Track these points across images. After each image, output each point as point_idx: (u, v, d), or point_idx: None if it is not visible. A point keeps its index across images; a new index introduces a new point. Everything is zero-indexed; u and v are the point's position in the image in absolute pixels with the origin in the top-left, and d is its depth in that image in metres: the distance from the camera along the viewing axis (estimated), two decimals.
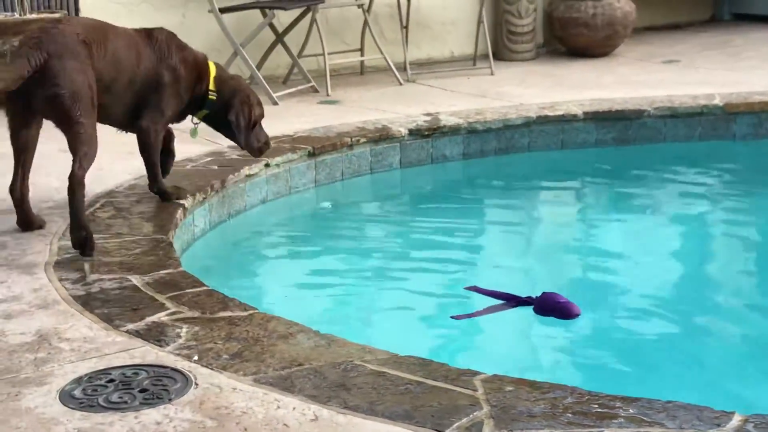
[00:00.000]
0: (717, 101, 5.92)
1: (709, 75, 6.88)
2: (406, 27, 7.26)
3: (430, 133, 5.59)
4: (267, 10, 6.64)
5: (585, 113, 5.82)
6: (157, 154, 4.22)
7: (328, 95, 6.63)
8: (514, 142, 5.77)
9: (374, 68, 7.40)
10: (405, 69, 7.15)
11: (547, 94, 6.32)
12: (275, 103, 6.37)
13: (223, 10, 6.59)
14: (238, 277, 4.23)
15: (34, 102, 3.70)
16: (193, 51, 4.29)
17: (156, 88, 4.09)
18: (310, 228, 4.95)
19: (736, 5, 9.23)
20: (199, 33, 6.94)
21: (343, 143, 5.33)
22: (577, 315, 3.68)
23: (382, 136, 5.47)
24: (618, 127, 5.84)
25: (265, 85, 6.47)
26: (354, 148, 5.37)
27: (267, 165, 4.94)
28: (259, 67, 6.78)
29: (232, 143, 4.61)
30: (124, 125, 4.19)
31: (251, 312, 3.14)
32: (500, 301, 3.80)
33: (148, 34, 4.15)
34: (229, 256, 4.51)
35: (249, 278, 4.28)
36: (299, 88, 6.74)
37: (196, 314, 3.11)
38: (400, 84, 6.93)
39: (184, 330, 2.99)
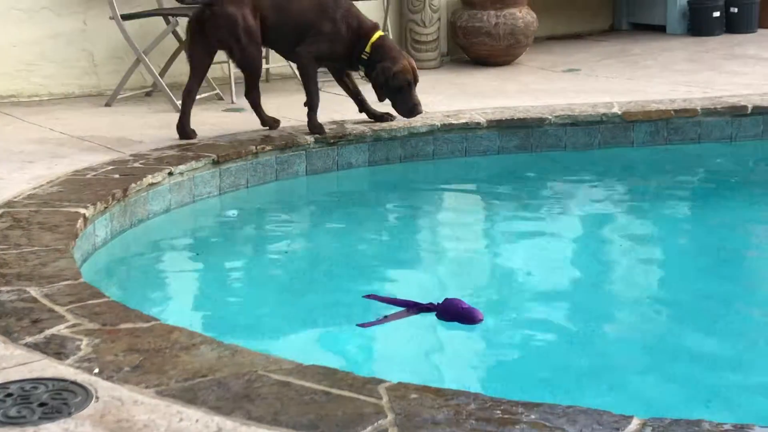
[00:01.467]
0: (616, 109, 6.03)
1: (609, 84, 7.01)
2: None
3: (335, 140, 5.60)
4: (170, 17, 6.57)
5: (488, 121, 5.89)
6: (311, 83, 5.59)
7: (232, 103, 6.59)
8: (418, 150, 5.81)
9: (280, 76, 7.38)
10: None
11: (451, 102, 6.38)
12: (179, 111, 6.30)
13: (125, 17, 6.51)
14: (140, 287, 4.18)
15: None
16: (361, 18, 5.55)
17: (315, 32, 5.48)
18: (214, 237, 4.92)
19: (634, 15, 9.43)
20: (100, 39, 6.86)
21: (247, 151, 5.31)
22: (480, 320, 3.71)
23: (287, 144, 5.46)
24: (520, 134, 5.92)
25: (169, 92, 6.41)
26: (259, 156, 5.35)
27: (170, 173, 4.89)
28: (162, 74, 6.71)
29: (134, 150, 4.57)
30: (286, 54, 5.89)
31: (153, 323, 3.10)
32: (402, 308, 3.81)
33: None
34: (130, 266, 4.45)
35: (151, 288, 4.23)
36: (203, 95, 6.68)
37: (97, 326, 3.07)
38: None
39: (85, 342, 2.95)
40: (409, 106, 5.51)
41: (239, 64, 5.63)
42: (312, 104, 5.62)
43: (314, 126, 5.60)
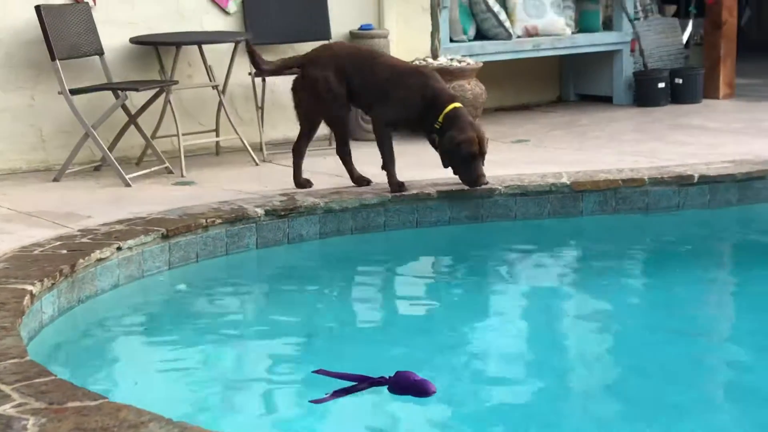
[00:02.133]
0: (565, 179, 6.09)
1: (557, 154, 7.09)
2: (262, 108, 7.29)
3: (286, 213, 5.59)
4: (119, 92, 6.57)
5: (438, 192, 5.92)
6: (383, 145, 5.94)
7: (183, 176, 6.58)
8: (370, 222, 5.81)
9: (230, 149, 7.39)
10: (261, 149, 7.16)
11: (403, 172, 6.39)
12: (128, 185, 6.29)
13: (73, 92, 6.50)
14: (88, 365, 4.12)
15: None
16: (439, 89, 5.90)
17: (390, 97, 5.91)
18: (164, 312, 4.87)
19: (581, 87, 9.57)
20: (49, 115, 6.84)
21: (197, 224, 5.28)
22: (433, 392, 3.69)
23: (237, 217, 5.44)
24: (470, 205, 5.95)
25: (118, 167, 6.39)
26: (209, 230, 5.33)
27: (119, 248, 4.85)
28: (111, 148, 6.69)
29: (82, 225, 4.53)
30: (366, 111, 6.27)
31: (101, 401, 3.05)
32: (354, 383, 3.78)
33: (415, 67, 6.31)
34: (78, 344, 4.39)
35: (99, 366, 4.17)
36: (153, 169, 6.67)
37: (44, 405, 3.01)
38: (257, 164, 6.93)
39: (31, 422, 2.89)
40: (472, 177, 5.76)
41: (326, 122, 6.22)
42: (385, 164, 5.93)
43: (392, 184, 5.90)
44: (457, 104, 5.87)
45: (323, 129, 7.76)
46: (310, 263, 5.61)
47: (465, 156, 5.72)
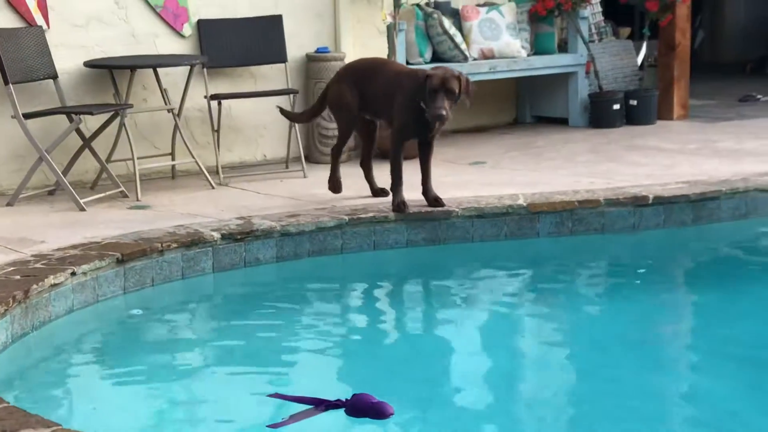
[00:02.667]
0: (521, 201, 6.11)
1: (514, 176, 7.12)
2: (218, 131, 7.26)
3: (242, 236, 5.57)
4: (73, 115, 6.52)
5: (396, 214, 5.92)
6: (392, 162, 6.12)
7: (138, 200, 6.53)
8: (327, 244, 5.80)
9: (186, 172, 7.35)
10: (217, 172, 7.13)
11: (359, 195, 6.40)
12: (82, 209, 6.24)
13: (27, 116, 6.44)
14: (42, 391, 4.07)
15: None
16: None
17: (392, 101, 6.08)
18: (119, 337, 4.82)
19: (537, 108, 9.62)
20: (2, 139, 6.77)
21: (153, 249, 5.24)
22: (391, 414, 3.68)
23: (193, 241, 5.41)
24: (427, 227, 5.96)
25: (72, 191, 6.33)
26: (164, 254, 5.29)
27: (73, 273, 4.81)
28: (65, 172, 6.63)
29: (36, 251, 4.48)
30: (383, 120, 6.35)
31: (55, 428, 3.02)
32: (310, 406, 3.76)
33: (413, 70, 6.30)
34: (32, 370, 4.34)
35: (54, 392, 4.12)
36: (108, 193, 6.62)
37: None
38: (213, 188, 6.90)
39: None
40: (431, 110, 5.79)
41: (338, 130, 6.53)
42: (392, 182, 6.06)
43: (393, 202, 6.00)
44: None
45: (268, 151, 7.80)
46: (267, 287, 5.58)
47: (428, 90, 5.78)
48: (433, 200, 6.06)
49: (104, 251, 5.12)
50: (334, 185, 6.43)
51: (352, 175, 6.57)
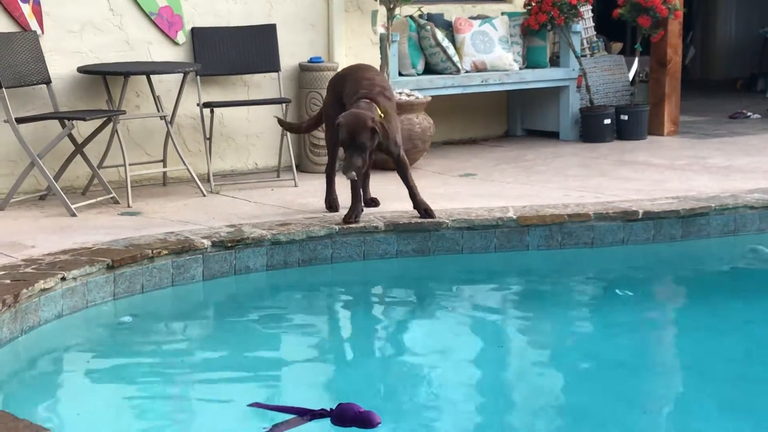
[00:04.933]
0: (511, 214, 6.14)
1: (504, 188, 7.14)
2: (210, 139, 7.27)
3: (233, 244, 5.58)
4: (66, 121, 6.53)
5: (386, 225, 5.94)
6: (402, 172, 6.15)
7: (129, 207, 6.53)
8: (317, 254, 5.81)
9: (177, 179, 7.36)
10: (209, 180, 7.14)
11: (349, 205, 6.41)
12: (73, 215, 6.24)
13: (20, 120, 6.44)
14: (31, 396, 4.07)
15: None
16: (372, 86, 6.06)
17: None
18: (108, 343, 4.82)
19: (528, 122, 9.65)
20: None
21: (143, 255, 5.25)
22: (378, 423, 3.69)
23: (184, 248, 5.41)
24: (417, 238, 5.98)
25: (63, 196, 6.34)
26: (155, 261, 5.30)
27: (63, 279, 4.81)
28: (57, 178, 6.64)
29: (26, 255, 4.48)
30: None
31: None
32: (293, 416, 3.76)
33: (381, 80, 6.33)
34: (21, 375, 4.34)
35: (42, 397, 4.12)
36: (99, 199, 6.63)
37: None
38: (204, 195, 6.91)
39: None
40: (342, 167, 5.85)
41: None
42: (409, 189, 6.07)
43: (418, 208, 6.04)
44: (370, 101, 5.90)
45: (260, 160, 7.81)
46: (257, 295, 5.59)
47: (340, 141, 5.81)
48: (423, 211, 6.05)
49: (94, 257, 5.13)
50: (330, 204, 6.31)
51: (342, 185, 6.57)
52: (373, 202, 6.38)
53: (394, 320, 5.36)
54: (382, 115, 5.90)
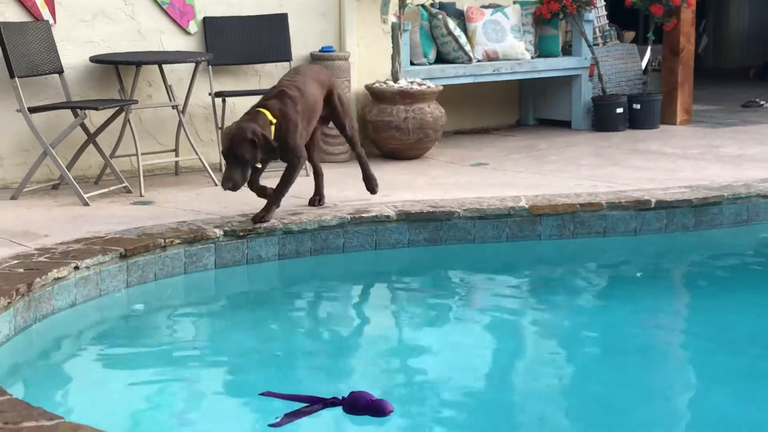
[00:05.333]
0: (523, 203, 6.13)
1: (516, 178, 7.14)
2: (222, 128, 7.28)
3: (245, 234, 5.59)
4: (78, 110, 6.54)
5: (398, 214, 5.94)
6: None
7: (141, 196, 6.55)
8: (329, 243, 5.82)
9: (189, 169, 7.37)
10: (221, 169, 7.14)
11: (361, 195, 6.42)
12: (86, 204, 6.26)
13: (32, 110, 6.46)
14: (45, 384, 4.09)
15: None
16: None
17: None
18: (121, 332, 4.84)
19: (540, 111, 9.64)
20: (7, 132, 6.79)
21: (156, 244, 5.26)
22: (391, 412, 3.70)
23: (196, 237, 5.43)
24: (429, 228, 5.98)
25: (76, 185, 6.36)
26: (167, 250, 5.31)
27: (76, 268, 4.83)
28: (69, 167, 6.65)
29: (39, 244, 4.48)
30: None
31: (57, 421, 3.04)
32: (305, 404, 3.76)
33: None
34: (34, 363, 4.36)
35: (56, 385, 4.14)
36: (112, 188, 6.64)
37: None
38: (216, 185, 6.91)
39: None
40: (222, 179, 5.65)
41: None
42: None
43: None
44: (265, 109, 5.74)
45: None
46: (269, 284, 5.60)
47: (222, 152, 5.73)
48: (253, 219, 5.72)
49: (107, 246, 5.14)
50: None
51: (354, 175, 6.58)
52: (319, 201, 6.16)
53: (406, 309, 5.36)
54: (274, 120, 5.69)
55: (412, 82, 7.87)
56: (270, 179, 6.04)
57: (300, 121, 5.81)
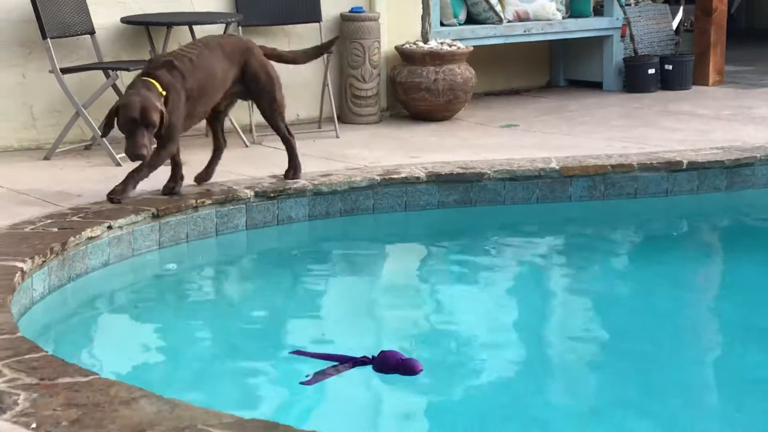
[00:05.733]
0: (554, 164, 6.12)
1: (546, 139, 7.11)
2: None
3: (275, 195, 5.61)
4: (110, 71, 6.57)
5: (428, 175, 5.94)
6: None
7: None
8: (359, 204, 5.83)
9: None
10: (251, 131, 7.16)
11: (391, 156, 6.43)
12: (119, 165, 6.29)
13: (64, 71, 6.49)
14: (79, 341, 4.15)
15: None
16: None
17: None
18: (154, 291, 4.89)
19: (571, 72, 9.58)
20: (40, 93, 6.82)
21: (187, 205, 5.30)
22: (420, 371, 3.72)
23: (227, 198, 5.45)
24: (459, 189, 5.97)
25: (108, 146, 6.39)
26: (199, 210, 5.34)
27: (109, 227, 4.87)
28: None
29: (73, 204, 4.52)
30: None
31: (92, 377, 3.08)
32: (335, 363, 3.78)
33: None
34: (69, 321, 4.42)
35: (90, 343, 4.20)
36: None
37: (35, 380, 3.04)
38: (246, 146, 6.93)
39: (22, 397, 2.91)
40: (128, 147, 5.11)
41: None
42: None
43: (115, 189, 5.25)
44: (149, 77, 5.22)
45: (301, 111, 7.80)
46: (299, 245, 5.63)
47: (122, 123, 5.06)
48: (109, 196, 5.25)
49: (140, 206, 5.18)
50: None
51: (384, 136, 6.58)
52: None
53: (435, 270, 5.38)
54: (164, 93, 5.20)
55: (442, 43, 7.84)
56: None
57: (184, 100, 5.28)
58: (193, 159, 6.52)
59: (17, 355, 3.23)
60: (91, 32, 6.82)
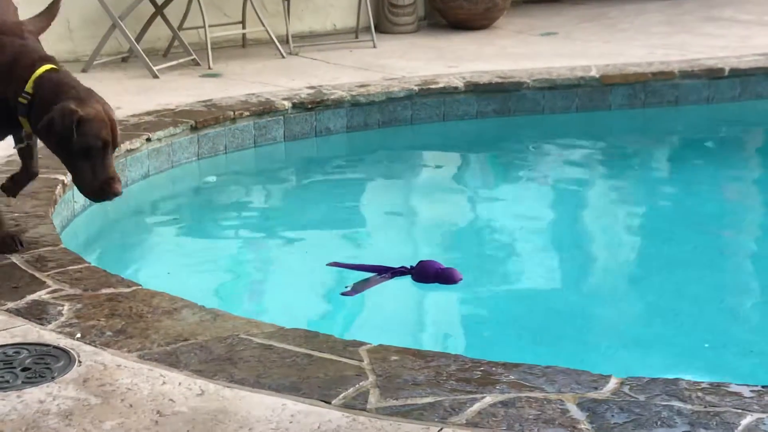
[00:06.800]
0: (593, 73, 6.04)
1: (586, 47, 7.02)
2: (288, 0, 7.22)
3: (313, 106, 5.59)
4: None
5: (466, 85, 5.89)
6: None
7: (209, 68, 6.56)
8: (396, 115, 5.80)
9: (256, 41, 7.35)
10: (287, 42, 7.12)
11: (429, 66, 6.37)
12: (156, 77, 6.29)
13: None
14: (121, 253, 4.19)
15: None
16: (26, 46, 3.46)
17: None
18: (193, 203, 4.92)
19: None
20: (76, 5, 6.79)
21: (225, 117, 5.29)
22: (460, 280, 3.72)
23: (265, 110, 5.44)
24: (498, 99, 5.92)
25: (145, 58, 6.38)
26: (237, 122, 5.34)
27: (148, 139, 4.88)
28: (138, 40, 6.67)
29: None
30: None
31: (134, 288, 3.12)
32: (374, 274, 3.80)
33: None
34: (110, 232, 4.46)
35: (132, 254, 4.23)
36: (180, 61, 6.66)
37: (78, 291, 3.08)
38: (283, 57, 6.90)
39: (66, 307, 2.95)
40: (97, 180, 3.26)
41: None
42: None
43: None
44: (55, 66, 3.40)
45: (338, 20, 7.73)
46: (337, 156, 5.62)
47: (90, 144, 3.25)
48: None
49: (178, 118, 5.18)
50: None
51: (421, 45, 6.52)
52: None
53: (474, 179, 5.36)
54: None
55: None
56: None
57: None
58: (228, 70, 6.50)
59: (60, 266, 3.27)
60: None
